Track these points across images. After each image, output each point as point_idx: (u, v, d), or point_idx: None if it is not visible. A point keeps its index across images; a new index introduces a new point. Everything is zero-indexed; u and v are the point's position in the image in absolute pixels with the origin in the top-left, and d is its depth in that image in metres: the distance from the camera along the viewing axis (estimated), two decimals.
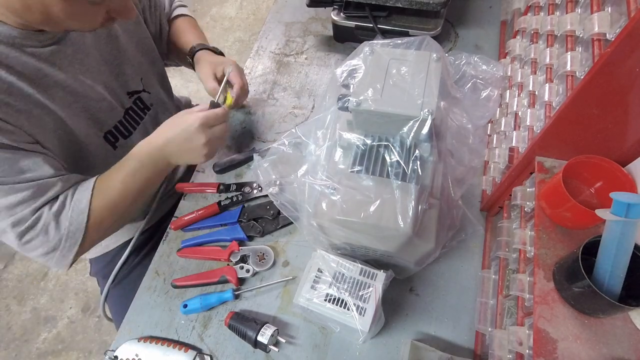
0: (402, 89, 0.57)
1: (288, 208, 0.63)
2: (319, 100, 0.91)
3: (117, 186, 0.66)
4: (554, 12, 0.60)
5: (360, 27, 0.93)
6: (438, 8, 0.84)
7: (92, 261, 0.94)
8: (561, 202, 0.47)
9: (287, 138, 0.67)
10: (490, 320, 0.61)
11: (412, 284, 0.68)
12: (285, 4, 1.13)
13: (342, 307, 0.57)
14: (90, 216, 0.64)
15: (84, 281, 1.68)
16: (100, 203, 0.65)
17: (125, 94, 0.78)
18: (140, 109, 0.82)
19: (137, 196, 0.69)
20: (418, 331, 0.64)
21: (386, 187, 0.55)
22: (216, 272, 0.70)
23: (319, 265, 0.61)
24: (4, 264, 1.73)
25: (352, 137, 0.60)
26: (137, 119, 0.82)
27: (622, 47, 0.37)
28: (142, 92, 0.82)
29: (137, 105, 0.82)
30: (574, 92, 0.43)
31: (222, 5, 2.57)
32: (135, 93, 0.80)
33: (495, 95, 0.76)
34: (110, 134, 0.76)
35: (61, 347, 1.54)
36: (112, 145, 0.77)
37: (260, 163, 0.67)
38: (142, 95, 0.82)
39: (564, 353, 0.42)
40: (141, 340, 0.66)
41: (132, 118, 0.80)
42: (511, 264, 0.59)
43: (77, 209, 0.63)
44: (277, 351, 0.63)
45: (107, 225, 0.68)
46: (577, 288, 0.42)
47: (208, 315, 0.68)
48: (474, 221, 0.66)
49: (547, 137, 0.51)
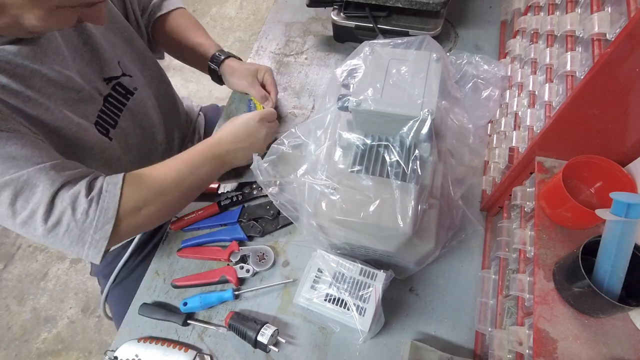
0: (402, 88, 0.57)
1: (288, 208, 0.63)
2: (319, 100, 0.91)
3: (169, 176, 0.66)
4: (554, 12, 0.60)
5: (360, 27, 0.93)
6: (438, 8, 0.84)
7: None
8: (561, 202, 0.47)
9: (286, 138, 0.67)
10: (490, 320, 0.61)
11: (412, 284, 0.68)
12: (285, 4, 1.13)
13: (342, 307, 0.57)
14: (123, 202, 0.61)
15: (84, 281, 1.68)
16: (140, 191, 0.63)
17: (102, 80, 0.74)
18: (121, 94, 0.78)
19: (187, 192, 0.69)
20: (418, 331, 0.64)
21: (386, 187, 0.55)
22: (216, 272, 0.70)
23: (319, 265, 0.61)
24: (4, 264, 1.73)
25: (352, 137, 0.60)
26: (118, 105, 0.77)
27: (622, 47, 0.37)
28: (122, 77, 0.78)
29: (117, 91, 0.77)
30: (574, 92, 0.43)
31: (222, 5, 2.57)
32: (113, 79, 0.76)
33: (496, 96, 0.76)
34: (99, 125, 0.73)
35: (61, 347, 1.54)
36: (106, 136, 0.74)
37: (260, 163, 0.67)
38: (123, 80, 0.78)
39: (564, 353, 0.42)
40: (141, 341, 0.66)
41: (112, 105, 0.76)
42: (511, 264, 0.59)
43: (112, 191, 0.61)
44: (277, 351, 0.63)
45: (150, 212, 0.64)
46: (577, 288, 0.42)
47: (208, 315, 0.68)
48: (474, 221, 0.66)
49: (547, 137, 0.51)
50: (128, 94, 0.80)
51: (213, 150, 0.71)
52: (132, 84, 0.80)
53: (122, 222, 0.61)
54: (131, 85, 0.80)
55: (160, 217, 0.67)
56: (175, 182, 0.66)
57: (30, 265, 1.72)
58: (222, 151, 0.71)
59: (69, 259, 1.74)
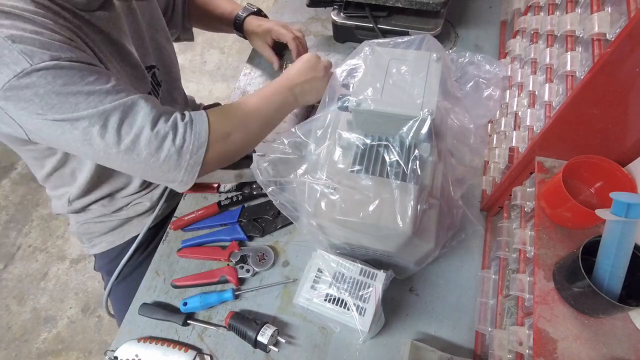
0: (402, 88, 0.57)
1: (288, 208, 0.63)
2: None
3: (249, 107, 0.72)
4: (554, 12, 0.60)
5: (360, 27, 0.93)
6: (438, 8, 0.84)
7: (98, 256, 0.94)
8: (561, 202, 0.47)
9: (286, 138, 0.67)
10: (490, 320, 0.61)
11: (412, 284, 0.68)
12: (285, 4, 1.13)
13: (342, 307, 0.57)
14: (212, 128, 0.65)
15: (84, 281, 1.68)
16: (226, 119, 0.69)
17: (145, 67, 0.78)
18: (155, 84, 0.83)
19: (265, 121, 0.74)
20: (418, 331, 0.64)
21: (385, 187, 0.55)
22: (216, 272, 0.70)
23: (319, 265, 0.61)
24: (4, 264, 1.73)
25: (351, 137, 0.60)
26: (155, 94, 0.82)
27: (622, 47, 0.37)
28: (155, 68, 0.82)
29: (154, 80, 0.82)
30: (574, 92, 0.43)
31: None
32: (151, 68, 0.81)
33: (496, 95, 0.76)
34: None
35: (61, 347, 1.54)
36: None
37: (259, 163, 0.67)
38: (155, 72, 0.82)
39: (564, 353, 0.42)
40: (141, 341, 0.66)
41: (153, 92, 0.81)
42: (511, 264, 0.59)
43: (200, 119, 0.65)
44: (277, 351, 0.63)
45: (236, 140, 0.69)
46: (577, 288, 0.42)
47: (208, 315, 0.68)
48: (474, 221, 0.66)
49: (547, 137, 0.51)
50: (158, 85, 0.84)
51: (282, 84, 0.76)
52: (160, 76, 0.85)
53: (211, 148, 0.65)
54: (160, 78, 0.85)
55: (244, 145, 0.73)
56: (254, 111, 0.72)
57: (30, 265, 1.72)
58: (290, 83, 0.77)
59: (69, 259, 1.74)
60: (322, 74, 0.79)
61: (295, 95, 0.77)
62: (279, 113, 0.77)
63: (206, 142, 0.64)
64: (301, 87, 0.77)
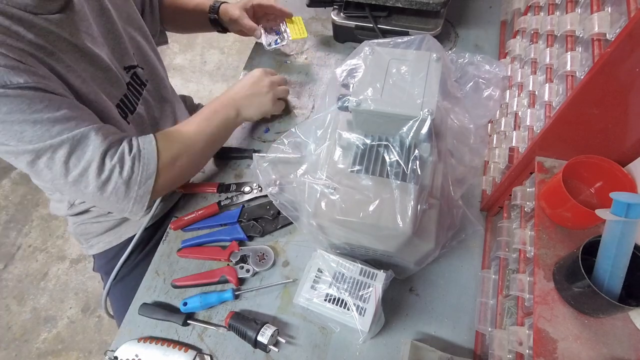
0: (402, 88, 0.57)
1: (288, 208, 0.63)
2: (318, 100, 0.91)
3: (192, 129, 0.72)
4: (554, 12, 0.60)
5: (360, 27, 0.93)
6: (438, 8, 0.84)
7: (96, 257, 0.94)
8: (561, 202, 0.47)
9: (286, 138, 0.67)
10: (490, 320, 0.61)
11: (412, 284, 0.68)
12: (285, 4, 1.13)
13: (342, 307, 0.57)
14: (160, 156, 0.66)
15: (84, 281, 1.68)
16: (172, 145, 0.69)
17: (123, 68, 0.77)
18: (137, 84, 0.82)
19: (209, 141, 0.74)
20: (418, 331, 0.64)
21: (385, 187, 0.55)
22: (216, 272, 0.70)
23: (319, 265, 0.61)
24: (4, 264, 1.73)
25: (351, 137, 0.60)
26: (136, 94, 0.81)
27: (622, 47, 0.37)
28: (137, 68, 0.81)
29: (135, 81, 0.81)
30: (574, 92, 0.43)
31: None
32: (131, 68, 0.80)
33: (496, 95, 0.76)
34: (120, 108, 0.76)
35: (61, 347, 1.54)
36: (124, 119, 0.77)
37: (259, 163, 0.67)
38: (137, 71, 0.81)
39: (564, 353, 0.42)
40: (141, 341, 0.66)
41: (134, 92, 0.80)
42: (511, 264, 0.59)
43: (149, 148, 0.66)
44: (277, 351, 0.63)
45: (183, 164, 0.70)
46: (577, 288, 0.42)
47: (208, 315, 0.68)
48: (474, 221, 0.66)
49: (547, 137, 0.51)
50: (142, 85, 0.84)
51: (223, 101, 0.77)
52: (144, 75, 0.84)
53: (160, 176, 0.66)
54: (144, 77, 0.84)
55: (191, 167, 0.74)
56: (198, 133, 0.72)
57: (30, 265, 1.72)
58: (230, 100, 0.77)
59: (69, 259, 1.74)
60: (265, 90, 0.79)
61: (237, 110, 0.77)
62: (222, 131, 0.77)
63: (155, 172, 0.65)
64: (242, 102, 0.78)
